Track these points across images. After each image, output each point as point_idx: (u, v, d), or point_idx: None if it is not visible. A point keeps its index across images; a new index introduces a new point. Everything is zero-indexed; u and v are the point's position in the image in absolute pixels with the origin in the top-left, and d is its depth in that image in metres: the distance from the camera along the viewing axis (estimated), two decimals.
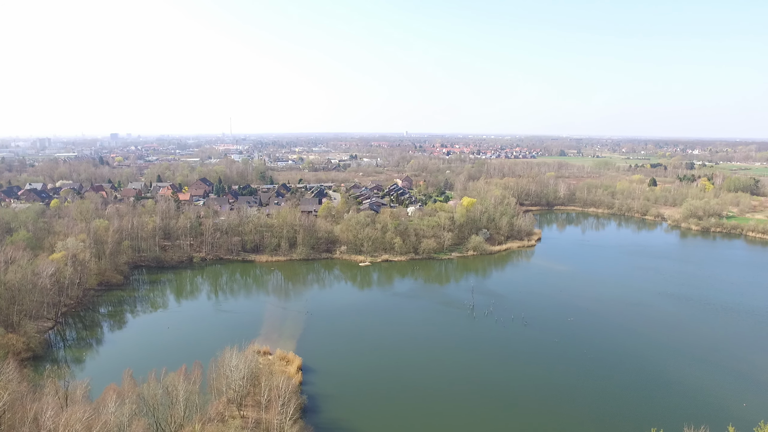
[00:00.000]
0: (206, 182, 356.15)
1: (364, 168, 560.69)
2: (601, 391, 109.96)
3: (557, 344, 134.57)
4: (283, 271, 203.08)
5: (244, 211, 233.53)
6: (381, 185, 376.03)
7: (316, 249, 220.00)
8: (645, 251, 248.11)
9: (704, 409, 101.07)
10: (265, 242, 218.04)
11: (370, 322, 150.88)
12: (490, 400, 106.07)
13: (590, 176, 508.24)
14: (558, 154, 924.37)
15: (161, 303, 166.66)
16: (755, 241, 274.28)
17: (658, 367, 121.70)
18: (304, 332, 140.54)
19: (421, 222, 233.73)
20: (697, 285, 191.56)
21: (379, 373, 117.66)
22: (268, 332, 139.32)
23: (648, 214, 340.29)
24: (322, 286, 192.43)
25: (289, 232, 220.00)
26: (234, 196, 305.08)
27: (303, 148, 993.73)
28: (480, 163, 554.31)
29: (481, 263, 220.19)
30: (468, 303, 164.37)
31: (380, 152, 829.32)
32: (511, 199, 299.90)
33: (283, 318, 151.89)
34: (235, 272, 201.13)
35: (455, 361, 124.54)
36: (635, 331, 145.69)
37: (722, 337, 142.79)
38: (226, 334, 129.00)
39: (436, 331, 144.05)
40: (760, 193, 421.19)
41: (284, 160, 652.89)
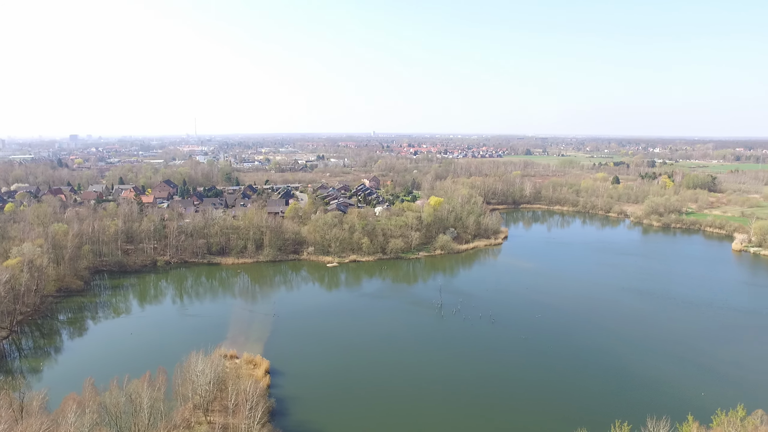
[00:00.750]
0: (170, 184, 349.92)
1: (331, 168, 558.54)
2: (567, 386, 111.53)
3: (524, 341, 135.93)
4: (250, 273, 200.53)
5: (210, 213, 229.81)
6: (348, 185, 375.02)
7: (283, 250, 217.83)
8: (609, 248, 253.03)
9: (666, 400, 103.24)
10: (231, 244, 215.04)
11: (338, 323, 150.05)
12: (458, 397, 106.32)
13: (555, 175, 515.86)
14: (524, 153, 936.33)
15: (124, 308, 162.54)
16: (712, 236, 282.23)
17: (623, 361, 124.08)
18: (272, 335, 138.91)
19: (389, 222, 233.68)
20: (659, 280, 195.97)
21: (348, 374, 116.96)
22: (234, 336, 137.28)
23: (611, 211, 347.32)
24: (290, 287, 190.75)
25: (255, 234, 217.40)
26: (199, 198, 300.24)
27: (270, 148, 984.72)
28: (447, 163, 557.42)
29: (448, 262, 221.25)
30: (436, 302, 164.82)
31: (347, 152, 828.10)
32: (478, 198, 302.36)
33: (249, 321, 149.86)
34: (200, 275, 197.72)
35: (424, 360, 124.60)
36: (600, 326, 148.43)
37: (683, 330, 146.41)
38: (191, 338, 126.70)
39: (404, 331, 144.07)
40: (717, 189, 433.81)
41: (250, 161, 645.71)
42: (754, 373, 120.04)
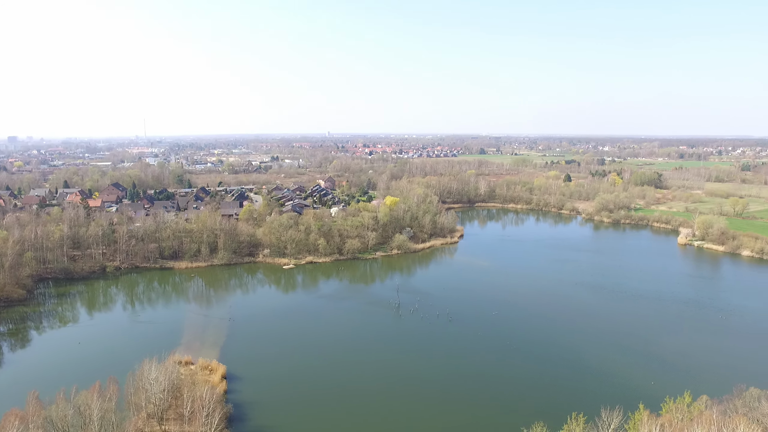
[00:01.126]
0: (119, 187, 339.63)
1: (285, 169, 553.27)
2: (524, 380, 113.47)
3: (482, 337, 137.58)
4: (204, 277, 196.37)
5: (161, 216, 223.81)
6: (303, 186, 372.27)
7: (238, 253, 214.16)
8: (562, 244, 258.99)
9: (619, 390, 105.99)
10: (184, 248, 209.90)
11: (296, 326, 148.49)
12: (417, 395, 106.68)
13: (509, 173, 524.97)
14: (478, 153, 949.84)
15: (71, 317, 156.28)
16: (659, 231, 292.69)
17: (577, 354, 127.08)
18: (228, 339, 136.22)
19: (345, 222, 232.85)
20: (610, 274, 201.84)
21: (306, 376, 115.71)
22: (189, 341, 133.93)
23: (564, 208, 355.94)
24: (246, 290, 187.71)
25: (209, 237, 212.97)
26: (150, 202, 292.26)
27: (223, 150, 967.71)
28: (402, 163, 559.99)
29: (405, 262, 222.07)
30: (393, 301, 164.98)
31: (302, 153, 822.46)
32: (433, 198, 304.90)
33: (205, 326, 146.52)
34: (152, 280, 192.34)
35: (382, 359, 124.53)
36: (555, 320, 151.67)
37: (633, 322, 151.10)
38: (144, 346, 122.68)
39: (362, 331, 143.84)
40: (663, 186, 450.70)
41: (203, 163, 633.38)
42: (699, 360, 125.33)
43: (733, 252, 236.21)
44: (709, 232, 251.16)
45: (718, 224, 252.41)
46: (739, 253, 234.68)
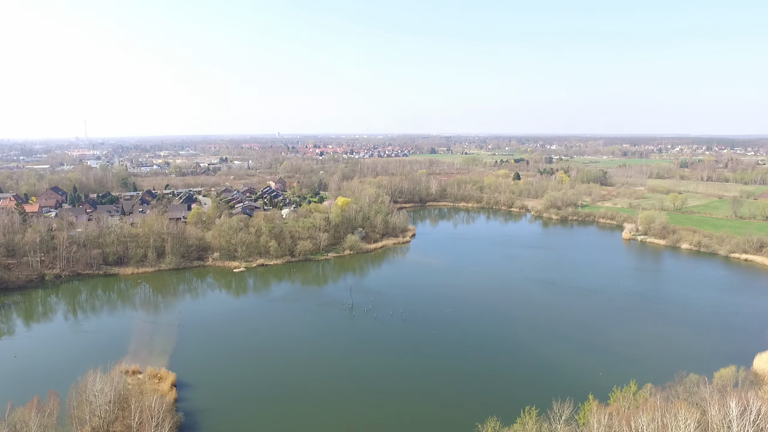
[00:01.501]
0: (59, 191, 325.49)
1: (235, 171, 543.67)
2: (478, 376, 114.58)
3: (435, 335, 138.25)
4: (152, 283, 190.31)
5: (105, 221, 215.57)
6: (253, 188, 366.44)
7: (186, 257, 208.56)
8: (512, 241, 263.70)
9: (570, 382, 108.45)
10: (129, 253, 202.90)
11: (248, 330, 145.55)
12: (373, 395, 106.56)
13: (460, 172, 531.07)
14: (429, 152, 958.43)
15: (6, 329, 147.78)
16: (605, 227, 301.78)
17: (529, 349, 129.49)
18: (177, 346, 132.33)
19: (296, 224, 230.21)
20: (559, 270, 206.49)
21: (260, 380, 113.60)
22: (136, 349, 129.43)
23: (513, 206, 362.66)
24: (195, 295, 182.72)
25: (156, 242, 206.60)
26: (92, 206, 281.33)
27: (169, 152, 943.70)
28: (353, 163, 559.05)
29: (358, 262, 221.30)
30: (347, 302, 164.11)
31: (252, 154, 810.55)
32: (385, 197, 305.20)
33: (153, 333, 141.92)
34: (96, 288, 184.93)
35: (337, 361, 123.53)
36: (507, 316, 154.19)
37: (582, 315, 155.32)
38: (88, 356, 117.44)
39: (316, 334, 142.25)
40: (608, 183, 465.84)
41: (149, 165, 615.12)
42: (644, 350, 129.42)
43: (674, 245, 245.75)
44: (652, 227, 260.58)
45: (659, 219, 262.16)
46: (679, 246, 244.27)
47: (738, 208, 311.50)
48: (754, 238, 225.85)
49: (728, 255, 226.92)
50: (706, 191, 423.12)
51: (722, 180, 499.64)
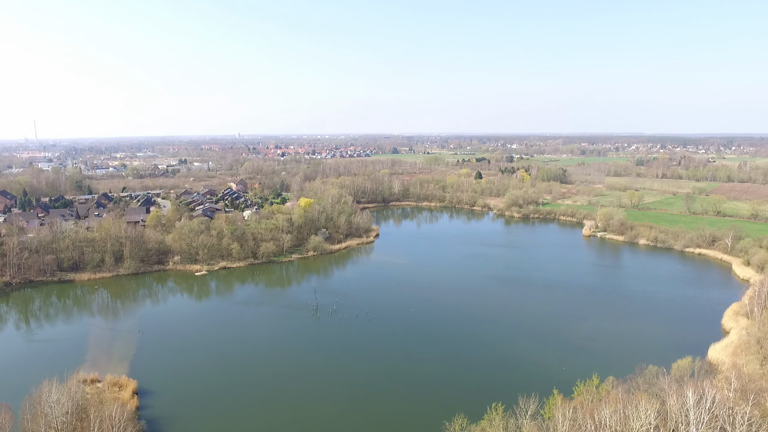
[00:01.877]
0: (7, 195, 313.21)
1: (195, 173, 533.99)
2: (444, 374, 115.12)
3: (401, 335, 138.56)
4: (110, 288, 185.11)
5: (58, 225, 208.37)
6: (214, 190, 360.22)
7: (146, 262, 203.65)
8: (475, 239, 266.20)
9: (535, 377, 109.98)
10: (86, 259, 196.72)
11: (211, 334, 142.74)
12: (339, 396, 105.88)
13: (422, 172, 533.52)
14: (391, 152, 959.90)
15: None
16: (566, 224, 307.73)
17: (494, 346, 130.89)
18: (138, 352, 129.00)
19: (259, 225, 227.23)
20: (521, 267, 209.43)
21: (224, 385, 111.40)
22: (95, 358, 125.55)
23: (476, 205, 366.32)
24: (156, 300, 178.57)
25: (113, 246, 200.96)
26: (44, 210, 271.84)
27: (126, 153, 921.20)
28: (315, 163, 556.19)
29: (322, 263, 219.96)
30: (311, 304, 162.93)
31: (212, 155, 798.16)
32: (348, 198, 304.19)
33: (112, 340, 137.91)
34: (50, 295, 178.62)
35: (302, 363, 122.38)
36: (471, 314, 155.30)
37: (545, 311, 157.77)
38: (43, 366, 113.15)
39: (281, 336, 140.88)
40: (568, 181, 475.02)
41: (104, 168, 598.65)
42: (605, 343, 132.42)
43: (632, 241, 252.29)
44: (610, 224, 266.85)
45: (617, 216, 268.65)
46: (637, 242, 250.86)
47: (691, 204, 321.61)
48: (706, 232, 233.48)
49: (683, 249, 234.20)
50: (661, 188, 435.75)
51: (676, 177, 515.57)
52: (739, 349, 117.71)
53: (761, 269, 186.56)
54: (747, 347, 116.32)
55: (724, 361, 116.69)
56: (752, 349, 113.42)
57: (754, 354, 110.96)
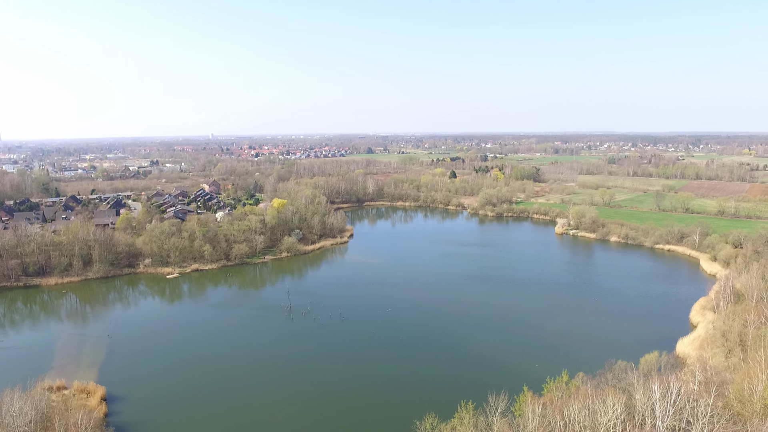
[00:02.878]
0: None
1: (167, 174, 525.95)
2: (417, 374, 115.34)
3: (375, 335, 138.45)
4: (78, 293, 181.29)
5: (23, 229, 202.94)
6: (186, 191, 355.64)
7: (116, 265, 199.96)
8: (450, 239, 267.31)
9: (507, 375, 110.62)
10: (52, 263, 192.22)
11: (183, 337, 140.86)
12: (311, 398, 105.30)
13: (397, 171, 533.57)
14: (366, 152, 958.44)
15: None
16: (539, 222, 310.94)
17: (467, 344, 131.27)
18: (108, 358, 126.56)
19: (231, 227, 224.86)
20: (495, 265, 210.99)
21: (196, 389, 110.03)
22: (62, 364, 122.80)
23: (450, 204, 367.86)
24: (127, 304, 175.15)
25: (82, 249, 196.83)
26: (9, 213, 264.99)
27: (96, 155, 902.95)
28: (290, 164, 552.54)
29: (296, 264, 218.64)
30: (285, 305, 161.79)
31: (184, 156, 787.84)
32: (321, 198, 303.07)
33: (80, 346, 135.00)
34: (15, 301, 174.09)
35: (275, 365, 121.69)
36: (446, 313, 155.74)
37: (518, 309, 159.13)
38: (6, 375, 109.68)
39: (254, 338, 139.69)
40: (541, 179, 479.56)
41: (73, 170, 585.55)
42: (577, 340, 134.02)
43: (603, 238, 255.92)
44: (582, 221, 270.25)
45: (589, 214, 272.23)
46: (608, 239, 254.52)
47: (661, 202, 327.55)
48: (675, 229, 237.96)
49: (653, 246, 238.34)
50: (632, 186, 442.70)
51: (646, 175, 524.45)
52: (705, 343, 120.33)
53: (727, 264, 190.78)
54: (713, 341, 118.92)
55: (692, 354, 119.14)
56: (717, 342, 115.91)
57: (719, 347, 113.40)
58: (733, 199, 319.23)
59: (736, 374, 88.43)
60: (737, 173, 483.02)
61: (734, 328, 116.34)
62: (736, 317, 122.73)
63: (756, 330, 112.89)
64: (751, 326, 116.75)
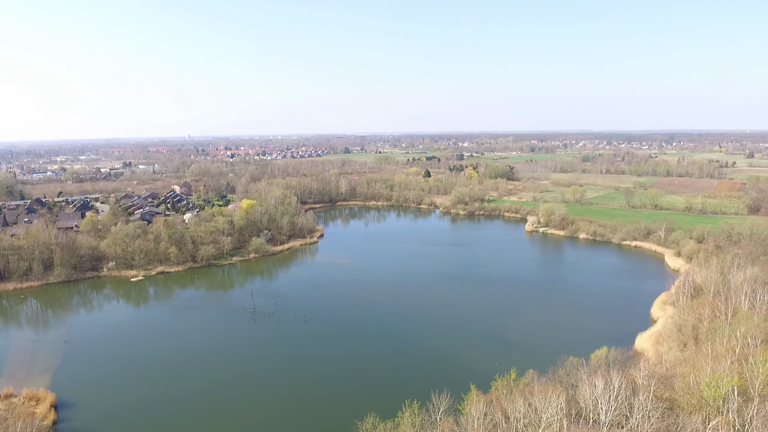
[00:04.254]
0: None
1: (139, 176, 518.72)
2: (368, 372, 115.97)
3: (337, 335, 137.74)
4: (39, 297, 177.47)
5: None
6: (156, 193, 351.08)
7: (79, 269, 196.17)
8: (420, 238, 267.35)
9: (462, 373, 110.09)
10: (11, 267, 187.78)
11: (144, 342, 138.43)
12: (268, 397, 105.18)
13: (372, 171, 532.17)
14: (343, 152, 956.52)
15: None
16: (510, 220, 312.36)
17: (426, 343, 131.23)
18: (62, 364, 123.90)
19: (198, 228, 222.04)
20: (463, 264, 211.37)
21: (154, 395, 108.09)
22: (13, 371, 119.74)
23: (423, 203, 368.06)
24: (89, 308, 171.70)
25: (43, 253, 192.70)
26: None
27: (68, 157, 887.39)
28: (264, 165, 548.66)
29: (264, 265, 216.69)
30: (249, 307, 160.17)
31: (159, 158, 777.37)
32: (292, 198, 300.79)
33: (34, 352, 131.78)
34: None
35: (234, 369, 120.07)
36: (409, 312, 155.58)
37: (482, 307, 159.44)
38: None
39: (216, 341, 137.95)
40: (515, 178, 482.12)
41: (42, 172, 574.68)
42: (538, 337, 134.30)
43: (572, 235, 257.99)
44: (552, 219, 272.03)
45: (558, 211, 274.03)
46: (577, 236, 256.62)
47: (630, 199, 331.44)
48: (642, 226, 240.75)
49: (620, 242, 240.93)
50: (604, 183, 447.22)
51: (619, 173, 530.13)
52: (661, 338, 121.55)
53: (690, 259, 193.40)
54: (669, 335, 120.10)
55: (649, 349, 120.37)
56: (673, 336, 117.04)
57: (674, 341, 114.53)
58: (700, 196, 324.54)
59: (685, 368, 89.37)
60: (706, 170, 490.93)
61: (689, 322, 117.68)
62: (692, 311, 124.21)
63: (708, 323, 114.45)
64: (706, 320, 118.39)
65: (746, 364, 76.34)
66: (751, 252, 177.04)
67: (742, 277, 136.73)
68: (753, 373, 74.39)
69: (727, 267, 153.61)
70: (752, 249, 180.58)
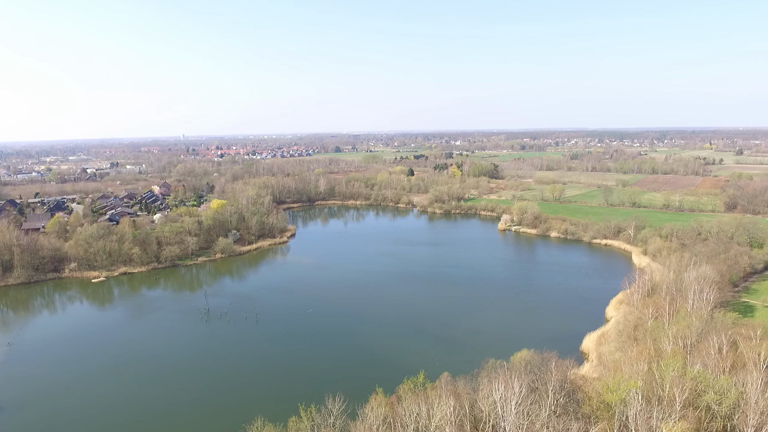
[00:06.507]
0: None
1: (124, 176, 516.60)
2: (309, 374, 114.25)
3: (283, 335, 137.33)
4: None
5: None
6: (135, 194, 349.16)
7: (40, 270, 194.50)
8: (393, 237, 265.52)
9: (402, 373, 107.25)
10: None
11: (94, 344, 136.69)
12: (215, 400, 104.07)
13: (358, 170, 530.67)
14: (334, 151, 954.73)
15: None
16: (486, 218, 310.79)
17: (369, 344, 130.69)
18: (0, 367, 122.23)
19: (164, 228, 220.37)
20: (430, 263, 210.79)
21: (93, 399, 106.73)
22: None
23: (401, 202, 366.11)
24: (45, 310, 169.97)
25: (3, 254, 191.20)
26: None
27: (58, 157, 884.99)
28: (249, 164, 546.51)
29: (229, 265, 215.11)
30: (203, 308, 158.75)
31: (148, 158, 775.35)
32: (266, 198, 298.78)
33: None
34: None
35: (184, 370, 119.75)
36: (363, 313, 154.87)
37: (439, 307, 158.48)
38: None
39: (166, 343, 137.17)
40: (499, 176, 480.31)
41: (28, 172, 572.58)
42: (487, 338, 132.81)
43: (544, 234, 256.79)
44: (524, 217, 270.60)
45: (531, 210, 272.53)
46: (548, 234, 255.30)
47: (609, 196, 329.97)
48: (612, 224, 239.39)
49: (591, 241, 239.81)
50: (588, 181, 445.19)
51: (605, 170, 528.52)
52: (604, 338, 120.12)
53: (654, 257, 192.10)
54: (612, 336, 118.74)
55: (593, 350, 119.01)
56: (614, 337, 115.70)
57: (615, 342, 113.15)
58: (678, 193, 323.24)
59: (613, 369, 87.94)
60: (692, 167, 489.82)
61: (631, 322, 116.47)
62: (638, 311, 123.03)
63: (653, 323, 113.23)
64: (650, 320, 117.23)
65: (656, 367, 74.91)
66: (712, 250, 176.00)
67: (693, 276, 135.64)
68: (662, 375, 72.99)
69: (684, 265, 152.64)
70: (714, 247, 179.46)
